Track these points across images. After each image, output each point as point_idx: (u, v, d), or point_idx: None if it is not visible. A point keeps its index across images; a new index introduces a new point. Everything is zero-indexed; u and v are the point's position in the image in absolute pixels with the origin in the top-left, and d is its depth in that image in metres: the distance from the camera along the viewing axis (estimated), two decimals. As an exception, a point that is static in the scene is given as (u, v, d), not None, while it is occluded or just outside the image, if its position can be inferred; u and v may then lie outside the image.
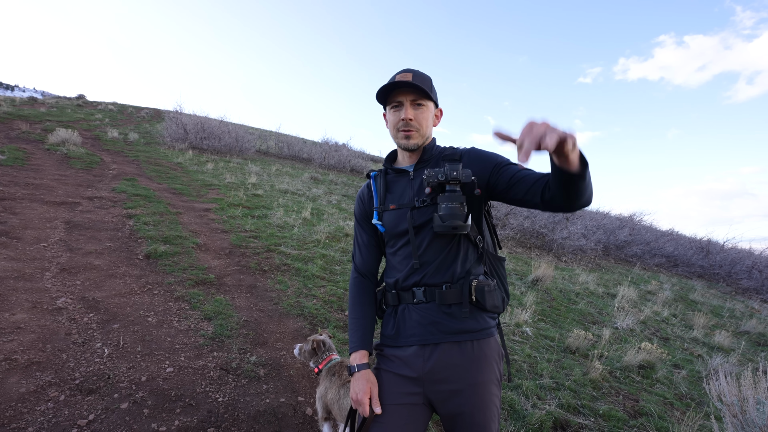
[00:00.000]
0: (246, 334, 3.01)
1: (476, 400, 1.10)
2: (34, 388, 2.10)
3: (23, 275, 3.29)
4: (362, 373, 1.18)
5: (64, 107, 18.80)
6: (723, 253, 12.72)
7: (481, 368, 1.13)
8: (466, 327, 1.14)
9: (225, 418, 2.14)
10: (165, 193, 7.01)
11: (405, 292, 1.20)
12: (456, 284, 1.15)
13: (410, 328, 1.18)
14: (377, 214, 1.25)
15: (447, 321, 1.14)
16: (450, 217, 1.06)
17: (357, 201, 1.37)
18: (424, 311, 1.16)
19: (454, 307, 1.14)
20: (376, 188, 1.29)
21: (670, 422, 2.81)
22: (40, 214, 4.79)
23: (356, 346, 1.24)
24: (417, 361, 1.14)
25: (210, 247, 4.75)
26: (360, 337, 1.24)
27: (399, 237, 1.22)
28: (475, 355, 1.13)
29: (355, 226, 1.38)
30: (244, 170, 10.95)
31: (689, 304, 7.38)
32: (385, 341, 1.25)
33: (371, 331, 1.27)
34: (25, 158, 7.65)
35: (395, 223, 1.21)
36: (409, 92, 1.16)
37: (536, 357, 3.54)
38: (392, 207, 1.22)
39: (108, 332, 2.72)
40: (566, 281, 6.85)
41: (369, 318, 1.28)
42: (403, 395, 1.14)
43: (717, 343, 4.98)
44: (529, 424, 2.47)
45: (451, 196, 1.07)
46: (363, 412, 1.12)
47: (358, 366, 1.19)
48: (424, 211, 1.16)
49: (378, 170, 1.33)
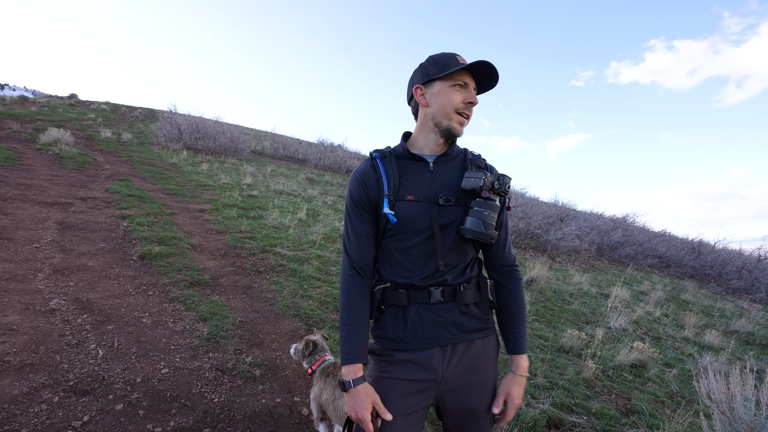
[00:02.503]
0: (241, 335, 3.01)
1: (487, 394, 1.15)
2: (27, 390, 2.08)
3: (15, 276, 3.26)
4: (360, 389, 1.05)
5: (56, 106, 18.60)
6: (714, 254, 12.89)
7: (493, 363, 1.18)
8: (481, 325, 1.16)
9: (221, 418, 2.14)
10: (159, 193, 6.97)
11: (419, 291, 1.11)
12: (470, 284, 1.15)
13: (428, 329, 1.10)
14: (388, 202, 1.09)
15: (466, 320, 1.14)
16: (488, 226, 1.07)
17: (356, 182, 1.15)
18: (442, 312, 1.11)
19: (472, 306, 1.15)
20: (386, 172, 1.12)
21: (661, 420, 2.85)
22: (32, 215, 4.74)
23: (351, 357, 1.08)
24: (435, 364, 1.10)
25: (205, 248, 4.73)
26: (355, 348, 1.08)
27: (414, 233, 1.10)
28: (486, 350, 1.16)
29: (349, 213, 1.16)
30: (239, 171, 10.91)
31: (681, 304, 7.47)
32: (392, 345, 1.12)
33: (366, 338, 1.13)
34: (16, 158, 7.57)
35: (413, 217, 1.09)
36: (472, 78, 1.11)
37: (530, 357, 3.57)
38: (410, 198, 1.09)
39: (102, 333, 2.71)
40: (560, 282, 6.91)
41: (365, 324, 1.14)
42: (414, 402, 1.09)
43: (707, 343, 5.06)
44: (523, 422, 2.50)
45: (491, 206, 1.08)
46: (367, 429, 1.02)
47: (354, 381, 1.05)
48: (450, 210, 1.10)
49: (384, 150, 1.17)
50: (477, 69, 1.09)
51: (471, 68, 1.09)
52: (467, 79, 1.10)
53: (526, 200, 12.00)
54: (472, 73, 1.10)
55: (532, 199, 13.63)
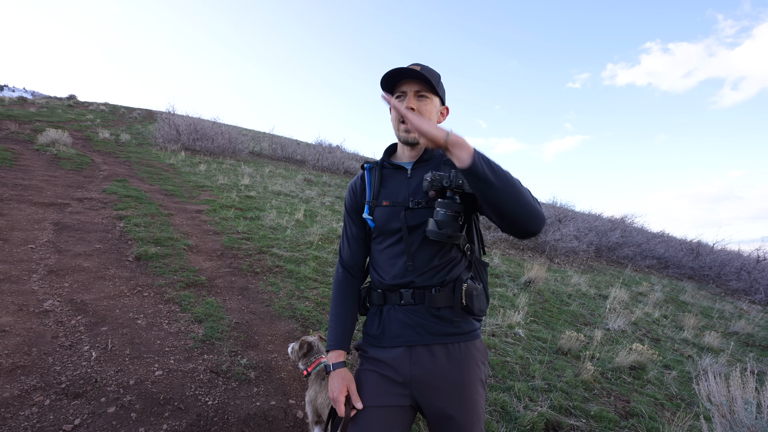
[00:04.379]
0: (237, 337, 2.98)
1: (464, 401, 1.10)
2: (18, 393, 2.05)
3: (9, 277, 3.23)
4: (337, 372, 1.18)
5: (55, 107, 18.56)
6: (712, 255, 12.89)
7: (468, 369, 1.13)
8: (454, 330, 1.13)
9: (215, 421, 2.11)
10: (156, 194, 6.94)
11: (392, 292, 1.18)
12: (445, 288, 1.13)
13: (396, 329, 1.16)
14: (368, 208, 1.22)
15: (435, 324, 1.13)
16: (446, 225, 1.04)
17: (348, 191, 1.33)
18: (411, 313, 1.15)
19: (443, 310, 1.13)
20: (370, 181, 1.25)
21: (660, 423, 2.83)
22: (28, 216, 4.71)
23: (334, 344, 1.24)
24: (403, 363, 1.13)
25: (201, 248, 4.70)
26: (339, 336, 1.24)
27: (389, 235, 1.19)
28: (462, 356, 1.13)
29: (345, 218, 1.34)
30: (237, 172, 10.88)
31: (680, 305, 7.45)
32: (368, 341, 1.23)
33: (351, 330, 1.27)
34: (13, 159, 7.53)
35: (386, 220, 1.18)
36: (413, 83, 1.14)
37: (528, 358, 3.54)
38: (385, 203, 1.19)
39: (96, 335, 2.68)
40: (558, 283, 6.89)
41: (350, 317, 1.27)
42: (388, 396, 1.13)
43: (707, 344, 5.04)
44: (521, 425, 2.47)
45: (450, 204, 1.05)
46: (338, 410, 1.12)
47: (333, 365, 1.20)
48: (419, 213, 1.14)
49: (373, 162, 1.29)
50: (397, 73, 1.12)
51: (389, 76, 1.13)
52: (405, 88, 1.15)
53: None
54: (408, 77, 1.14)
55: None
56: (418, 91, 1.15)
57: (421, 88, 1.14)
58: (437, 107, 1.20)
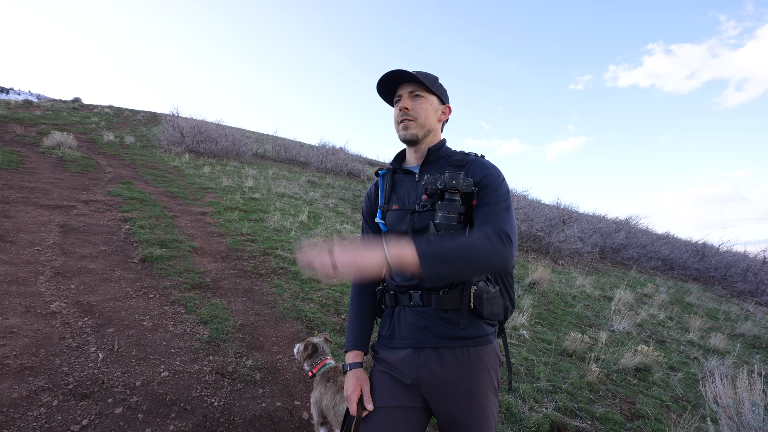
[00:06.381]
0: (242, 338, 2.99)
1: (472, 407, 1.09)
2: (26, 393, 2.07)
3: (17, 279, 3.26)
4: (353, 372, 1.21)
5: (60, 110, 18.72)
6: (718, 256, 12.80)
7: (477, 375, 1.11)
8: (463, 333, 1.11)
9: (220, 422, 2.12)
10: (161, 196, 6.98)
11: (402, 294, 1.19)
12: (454, 290, 1.12)
13: (404, 330, 1.17)
14: (381, 212, 1.26)
15: (442, 326, 1.12)
16: (445, 227, 1.04)
17: (365, 198, 1.39)
18: (419, 315, 1.15)
19: (451, 313, 1.12)
20: (382, 187, 1.30)
21: (666, 425, 2.82)
22: (35, 218, 4.75)
23: (351, 345, 1.27)
24: (410, 365, 1.13)
25: (206, 250, 4.72)
26: (355, 337, 1.28)
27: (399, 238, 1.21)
28: (471, 361, 1.11)
29: (362, 224, 1.40)
30: (240, 174, 10.93)
31: (685, 306, 7.41)
32: (381, 341, 1.25)
33: (368, 330, 1.30)
34: (19, 161, 7.60)
35: (395, 223, 1.21)
36: (407, 85, 1.20)
37: (533, 360, 3.53)
38: (395, 207, 1.23)
39: (102, 336, 2.70)
40: (563, 284, 6.86)
41: (366, 318, 1.30)
42: (400, 398, 1.13)
43: (713, 346, 5.00)
44: (527, 427, 2.47)
45: (448, 206, 1.05)
46: (350, 409, 1.14)
47: (350, 365, 1.23)
48: (424, 216, 1.15)
49: (387, 168, 1.34)
50: (390, 77, 1.17)
51: (383, 81, 1.19)
52: (401, 91, 1.21)
53: (528, 203, 11.96)
54: (401, 80, 1.19)
55: (534, 201, 13.58)
56: (412, 92, 1.19)
57: (413, 88, 1.19)
58: (434, 105, 1.22)
